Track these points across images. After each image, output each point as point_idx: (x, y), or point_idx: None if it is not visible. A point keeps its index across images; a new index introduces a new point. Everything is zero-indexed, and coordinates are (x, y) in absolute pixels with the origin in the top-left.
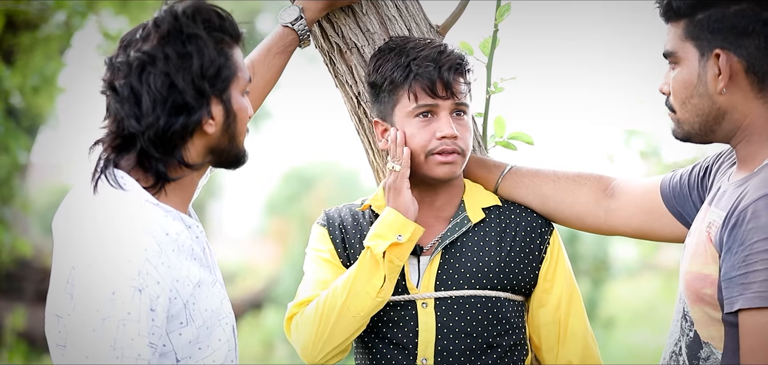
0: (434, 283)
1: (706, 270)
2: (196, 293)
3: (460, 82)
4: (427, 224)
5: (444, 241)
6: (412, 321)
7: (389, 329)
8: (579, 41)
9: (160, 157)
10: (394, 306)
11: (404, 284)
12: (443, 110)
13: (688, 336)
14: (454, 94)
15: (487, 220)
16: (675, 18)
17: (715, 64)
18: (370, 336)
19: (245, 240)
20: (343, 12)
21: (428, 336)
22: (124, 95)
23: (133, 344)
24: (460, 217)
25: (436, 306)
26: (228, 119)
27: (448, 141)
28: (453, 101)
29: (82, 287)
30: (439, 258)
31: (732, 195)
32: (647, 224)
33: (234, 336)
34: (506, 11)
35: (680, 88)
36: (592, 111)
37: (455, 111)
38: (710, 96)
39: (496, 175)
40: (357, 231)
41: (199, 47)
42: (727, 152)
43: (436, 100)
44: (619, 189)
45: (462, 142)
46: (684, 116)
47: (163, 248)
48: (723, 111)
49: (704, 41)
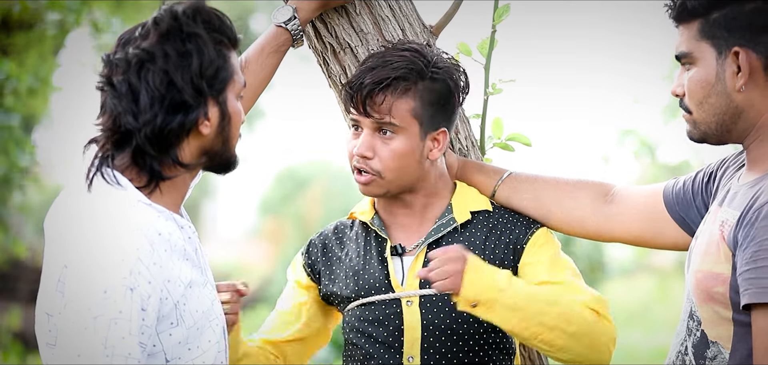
0: (419, 282)
1: (718, 268)
2: (188, 294)
3: (378, 101)
4: (412, 226)
5: (428, 240)
6: (397, 319)
7: (374, 327)
8: (577, 41)
9: (155, 155)
10: (379, 304)
11: (388, 282)
12: (365, 127)
13: (695, 335)
14: (369, 113)
15: (474, 222)
16: (688, 19)
17: (733, 62)
18: (356, 335)
19: (239, 240)
20: (337, 12)
21: (414, 335)
22: (122, 91)
23: (123, 343)
24: (445, 218)
25: (420, 304)
26: (223, 121)
27: (357, 159)
28: (372, 120)
29: (73, 285)
30: (422, 257)
31: (746, 195)
32: (648, 230)
33: (224, 338)
34: (505, 13)
35: (697, 88)
36: (589, 111)
37: (380, 129)
38: (728, 94)
39: (494, 181)
40: (336, 243)
41: (199, 46)
42: (732, 157)
43: (358, 116)
44: (619, 196)
45: (378, 162)
46: (701, 116)
47: (155, 248)
48: (740, 109)
49: (721, 40)
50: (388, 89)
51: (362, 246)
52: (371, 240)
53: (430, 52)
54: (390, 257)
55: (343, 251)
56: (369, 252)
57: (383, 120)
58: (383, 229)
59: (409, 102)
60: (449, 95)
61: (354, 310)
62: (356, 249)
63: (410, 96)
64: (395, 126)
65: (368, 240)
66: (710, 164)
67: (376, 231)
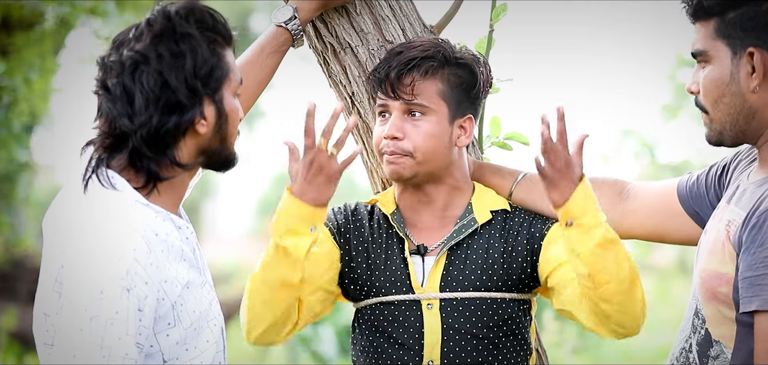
0: (439, 284)
1: (723, 268)
2: (185, 294)
3: (406, 83)
4: (432, 225)
5: (450, 242)
6: (418, 322)
7: (394, 329)
8: (577, 41)
9: (152, 156)
10: (399, 305)
11: (409, 283)
12: (394, 110)
13: (700, 333)
14: (398, 95)
15: (494, 222)
16: (705, 17)
17: (748, 63)
18: (373, 333)
19: (238, 240)
20: (337, 12)
21: (434, 338)
22: (117, 94)
23: (120, 343)
24: (467, 218)
25: (441, 308)
26: (220, 120)
27: (387, 141)
28: (401, 101)
29: (70, 286)
30: (444, 259)
31: (753, 195)
32: (663, 225)
33: (222, 338)
34: (502, 12)
35: (712, 87)
36: (588, 111)
37: (409, 111)
38: (742, 94)
39: (510, 182)
40: (355, 225)
41: (192, 46)
42: (745, 151)
43: (386, 100)
44: (634, 192)
45: (408, 143)
46: (716, 116)
47: (152, 248)
48: (754, 110)
49: (736, 39)
50: (417, 70)
51: (383, 237)
52: (392, 235)
53: (452, 43)
54: (410, 256)
55: (363, 235)
56: (390, 248)
57: (413, 101)
58: (403, 227)
59: (437, 83)
60: (474, 82)
61: (372, 307)
62: (376, 239)
63: (438, 78)
64: (424, 107)
65: (389, 233)
66: (725, 158)
67: (395, 227)
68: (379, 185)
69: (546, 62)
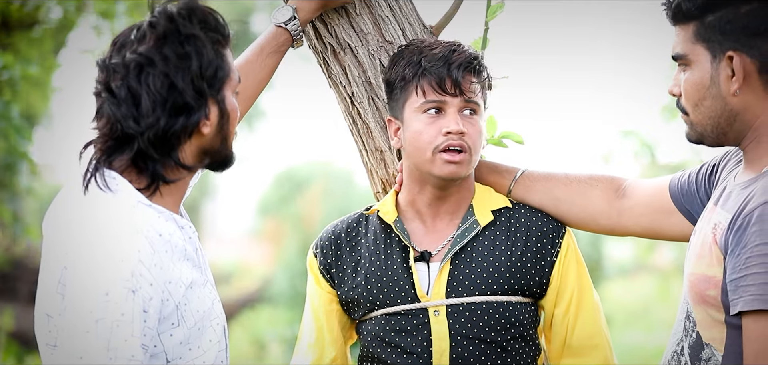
0: (445, 291)
1: (711, 271)
2: (188, 294)
3: (469, 80)
4: (434, 228)
5: (454, 248)
6: (425, 329)
7: (402, 338)
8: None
9: (158, 158)
10: (405, 314)
11: (414, 292)
12: (451, 107)
13: (691, 336)
14: (462, 92)
15: (497, 223)
16: (684, 21)
17: (728, 66)
18: (380, 345)
19: (239, 240)
20: (337, 12)
21: (442, 345)
22: (122, 96)
23: (126, 345)
24: (468, 222)
25: (448, 314)
26: (222, 119)
27: (455, 137)
28: (462, 99)
29: (74, 288)
30: (449, 265)
31: (738, 197)
32: (657, 223)
33: (225, 337)
34: (499, 9)
35: (692, 90)
36: (588, 111)
37: (464, 109)
38: (723, 98)
39: (508, 180)
40: (349, 244)
41: (198, 47)
42: (734, 150)
43: (443, 97)
44: (630, 190)
45: (470, 139)
46: (697, 118)
47: (156, 249)
48: (735, 112)
49: (716, 43)
50: (473, 70)
51: (381, 248)
52: (392, 243)
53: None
54: (414, 264)
55: (359, 252)
56: (391, 257)
57: (473, 98)
58: (406, 235)
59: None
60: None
61: (378, 319)
62: (374, 250)
63: (482, 79)
64: (478, 106)
65: (388, 242)
66: (715, 157)
67: (398, 236)
68: (379, 186)
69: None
